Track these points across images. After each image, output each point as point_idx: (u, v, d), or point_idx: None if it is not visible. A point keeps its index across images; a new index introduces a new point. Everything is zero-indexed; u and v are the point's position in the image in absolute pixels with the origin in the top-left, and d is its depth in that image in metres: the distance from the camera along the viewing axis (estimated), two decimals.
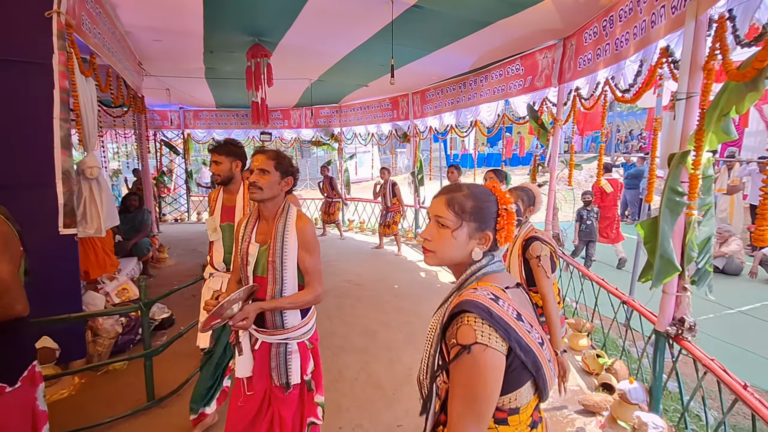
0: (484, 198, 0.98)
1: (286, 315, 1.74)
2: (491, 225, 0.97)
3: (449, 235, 0.95)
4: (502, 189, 1.02)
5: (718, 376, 1.92)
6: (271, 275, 1.71)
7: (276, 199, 1.73)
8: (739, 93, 1.71)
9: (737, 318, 4.51)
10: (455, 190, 0.98)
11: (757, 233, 1.50)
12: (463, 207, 0.96)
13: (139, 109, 5.46)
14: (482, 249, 0.97)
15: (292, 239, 1.71)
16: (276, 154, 1.73)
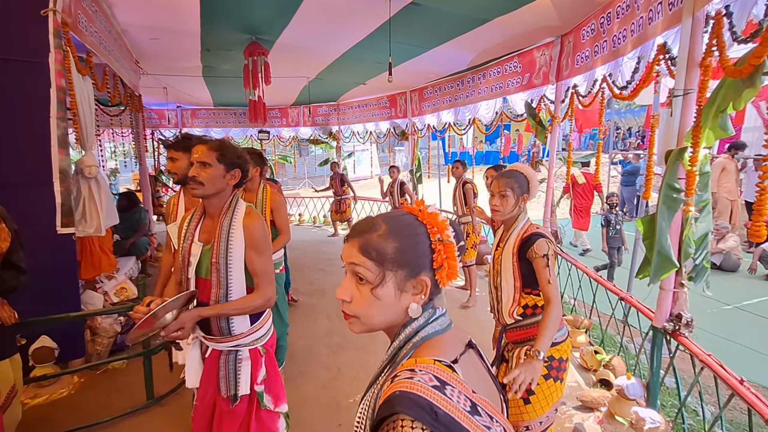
0: (408, 232, 0.74)
1: (233, 321, 1.60)
2: (426, 266, 0.74)
3: (371, 292, 0.72)
4: (430, 211, 0.78)
5: (714, 372, 1.94)
6: (215, 277, 1.56)
7: (221, 194, 1.59)
8: (736, 89, 1.72)
9: (734, 314, 4.53)
10: (369, 229, 0.74)
11: (754, 229, 1.51)
12: (383, 251, 0.71)
13: (136, 108, 5.44)
14: (420, 301, 0.74)
15: (238, 238, 1.56)
16: (219, 145, 1.58)
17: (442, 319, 0.77)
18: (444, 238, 0.75)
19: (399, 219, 0.76)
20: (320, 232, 8.89)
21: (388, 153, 19.29)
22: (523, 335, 1.80)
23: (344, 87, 7.18)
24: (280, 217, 2.79)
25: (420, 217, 0.78)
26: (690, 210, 2.09)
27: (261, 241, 1.60)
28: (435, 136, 7.04)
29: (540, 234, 1.76)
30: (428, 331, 0.74)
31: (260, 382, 1.67)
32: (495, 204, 1.80)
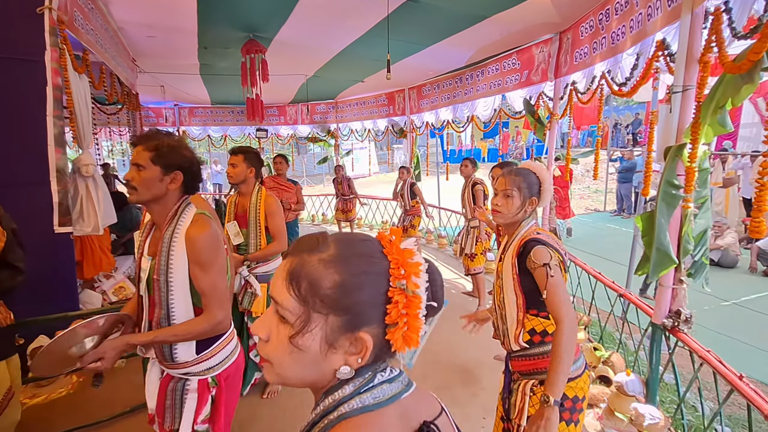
0: (360, 267, 0.54)
1: (175, 347, 1.39)
2: (374, 318, 0.54)
3: (288, 339, 0.54)
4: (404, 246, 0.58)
5: (714, 368, 1.94)
6: (156, 296, 1.36)
7: (163, 200, 1.38)
8: (735, 85, 1.71)
9: (733, 310, 4.55)
10: (309, 249, 0.56)
11: (753, 224, 1.51)
12: (316, 285, 0.53)
13: (133, 107, 5.41)
14: (356, 364, 0.55)
15: (179, 251, 1.34)
16: (155, 144, 1.36)
17: (385, 387, 0.56)
18: (410, 286, 0.54)
19: (356, 245, 0.57)
20: (319, 230, 8.88)
21: (387, 151, 19.24)
22: (531, 366, 1.52)
23: (342, 85, 7.16)
24: (274, 223, 2.57)
25: (386, 249, 0.57)
26: (689, 206, 2.09)
27: (206, 254, 1.36)
28: (433, 133, 7.03)
29: (537, 240, 1.47)
30: (354, 405, 0.53)
31: (201, 422, 1.43)
32: (496, 204, 1.56)
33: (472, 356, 3.33)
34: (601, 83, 3.20)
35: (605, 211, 10.31)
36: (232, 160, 2.57)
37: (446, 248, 6.75)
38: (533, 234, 1.51)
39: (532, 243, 1.47)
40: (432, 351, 3.42)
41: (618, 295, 2.98)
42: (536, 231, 1.53)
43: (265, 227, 2.58)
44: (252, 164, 2.58)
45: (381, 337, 0.55)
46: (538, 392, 1.46)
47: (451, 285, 5.14)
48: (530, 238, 1.49)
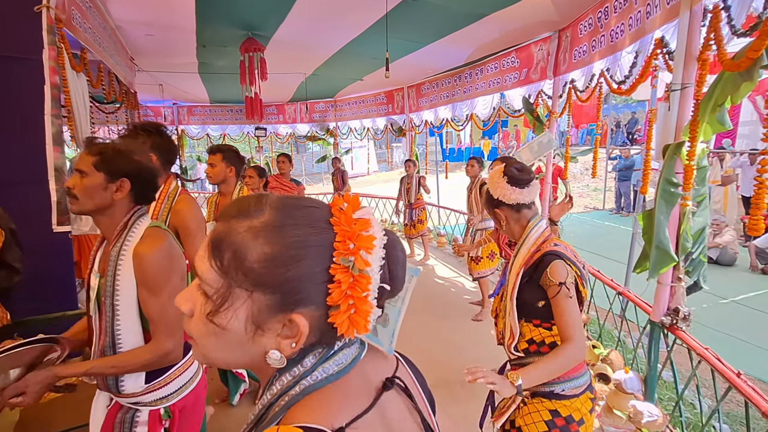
0: (297, 237, 0.47)
1: (121, 377, 1.24)
2: (313, 298, 0.48)
3: (206, 316, 0.49)
4: (358, 215, 0.50)
5: (712, 365, 1.95)
6: (103, 321, 1.22)
7: (109, 211, 1.22)
8: (734, 83, 1.71)
9: (731, 308, 4.56)
10: (242, 213, 0.48)
11: (752, 222, 1.51)
12: (242, 256, 0.46)
13: (131, 106, 5.40)
14: (289, 349, 0.49)
15: (125, 271, 1.19)
16: (100, 148, 1.21)
17: (345, 352, 0.52)
18: (358, 264, 0.47)
19: (296, 212, 0.49)
20: None
21: (386, 149, 19.25)
22: None
23: (341, 83, 7.15)
24: None
25: (334, 219, 0.49)
26: (687, 204, 2.09)
27: (156, 276, 1.19)
28: (432, 132, 7.02)
29: (556, 254, 1.36)
30: (316, 377, 0.49)
31: None
32: None
33: (472, 355, 3.33)
34: (600, 81, 3.19)
35: (604, 209, 10.32)
36: (211, 159, 2.50)
37: (445, 247, 6.75)
38: (550, 245, 1.40)
39: (550, 257, 1.37)
40: (431, 350, 3.43)
41: (617, 293, 2.99)
42: (554, 242, 1.43)
43: None
44: (231, 163, 2.48)
45: (322, 319, 0.48)
46: (529, 404, 1.41)
47: (451, 284, 5.14)
48: (548, 251, 1.38)
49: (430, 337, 3.66)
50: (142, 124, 1.88)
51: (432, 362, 3.24)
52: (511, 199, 1.45)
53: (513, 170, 1.45)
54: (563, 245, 1.44)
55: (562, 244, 1.44)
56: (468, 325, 3.83)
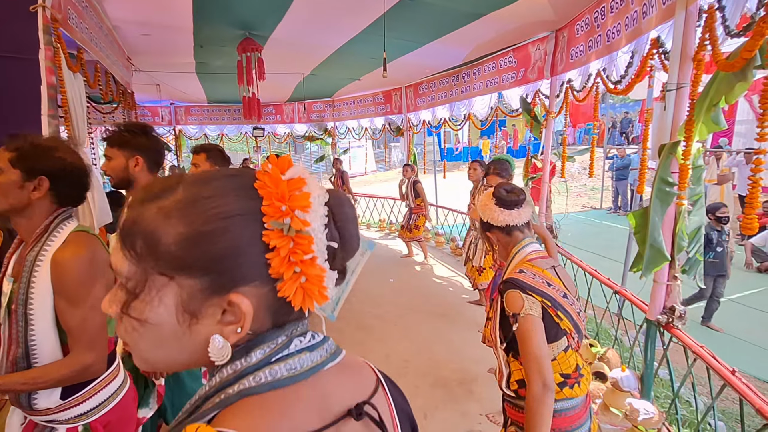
0: (216, 209, 0.42)
1: (34, 393, 1.14)
2: (253, 274, 0.43)
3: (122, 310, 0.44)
4: (288, 176, 0.45)
5: (707, 363, 1.96)
6: (14, 330, 1.12)
7: (26, 211, 1.14)
8: (729, 83, 1.73)
9: (726, 306, 4.59)
10: (154, 195, 0.44)
11: (746, 221, 1.52)
12: (154, 240, 0.42)
13: (129, 106, 5.38)
14: (234, 335, 0.43)
15: (42, 279, 1.10)
16: (18, 144, 1.14)
17: (304, 356, 0.46)
18: (294, 225, 0.42)
19: (212, 183, 0.44)
20: None
21: (384, 149, 19.25)
22: (514, 417, 1.38)
23: (339, 83, 7.15)
24: None
25: (259, 182, 0.44)
26: (683, 203, 2.10)
27: (75, 286, 1.10)
28: (430, 131, 7.03)
29: (513, 282, 1.29)
30: (260, 379, 0.43)
31: None
32: None
33: (469, 355, 3.34)
34: (596, 81, 3.21)
35: (602, 208, 10.36)
36: (194, 159, 2.35)
37: (443, 246, 6.76)
38: (515, 271, 1.33)
39: (506, 286, 1.30)
40: (430, 350, 3.44)
41: (613, 291, 3.00)
42: (524, 264, 1.35)
43: None
44: (216, 163, 2.31)
45: (271, 295, 0.44)
46: None
47: (449, 283, 5.16)
48: (508, 278, 1.32)
49: (428, 336, 3.67)
50: (126, 124, 1.80)
51: (430, 362, 3.25)
52: (499, 221, 1.43)
53: (502, 192, 1.44)
54: (532, 272, 1.32)
55: (530, 271, 1.33)
56: (466, 325, 3.84)
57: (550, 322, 1.28)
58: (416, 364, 3.19)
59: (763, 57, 1.46)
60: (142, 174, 1.72)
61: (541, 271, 1.35)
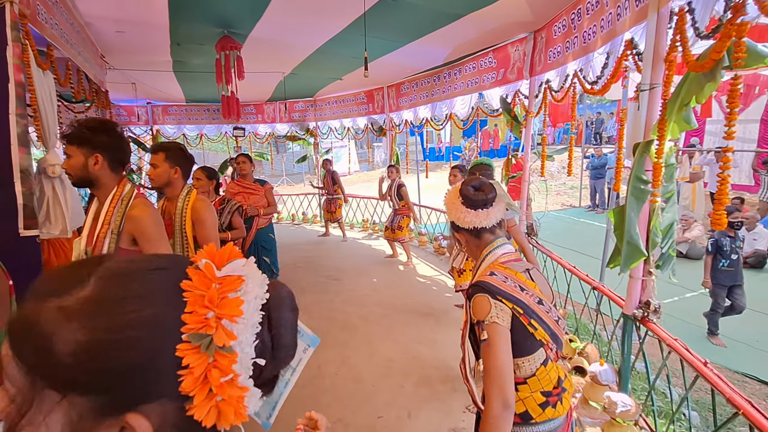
0: (127, 317, 0.36)
1: None
2: (160, 390, 0.37)
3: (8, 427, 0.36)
4: (223, 273, 0.40)
5: (680, 355, 2.03)
6: None
7: None
8: (699, 83, 1.78)
9: (699, 300, 4.75)
10: (54, 289, 0.37)
11: (715, 217, 1.58)
12: (47, 350, 0.35)
13: (103, 105, 5.22)
14: None
15: None
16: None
17: None
18: (218, 340, 0.37)
19: (131, 280, 0.38)
20: (297, 230, 8.81)
21: (367, 149, 19.19)
22: None
23: (320, 82, 7.11)
24: (202, 234, 2.12)
25: (186, 282, 0.39)
26: (657, 201, 2.16)
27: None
28: (413, 131, 7.06)
29: (482, 285, 1.17)
30: None
31: None
32: None
33: (452, 354, 3.36)
34: (573, 82, 3.27)
35: (580, 206, 10.59)
36: (152, 159, 2.20)
37: (427, 245, 6.79)
38: (485, 274, 1.21)
39: (475, 288, 1.19)
40: (414, 349, 3.45)
41: (592, 287, 3.07)
42: (496, 266, 1.22)
43: (194, 238, 2.15)
44: (176, 163, 2.17)
45: (179, 414, 0.37)
46: None
47: (433, 282, 5.18)
48: (477, 281, 1.20)
49: (412, 335, 3.68)
50: (86, 120, 1.71)
51: (414, 360, 3.26)
52: (466, 222, 1.28)
53: (468, 190, 1.28)
54: (503, 275, 1.19)
55: (501, 273, 1.19)
56: (450, 324, 3.87)
57: (522, 332, 1.14)
58: (400, 364, 3.19)
59: (731, 58, 1.51)
60: (103, 173, 1.66)
61: (515, 274, 1.22)
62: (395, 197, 5.75)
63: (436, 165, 17.71)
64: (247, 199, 3.94)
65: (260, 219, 3.98)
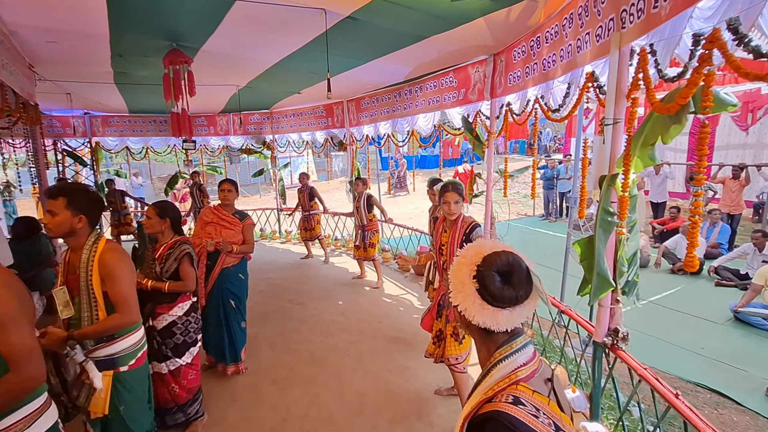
0: None
1: None
2: None
3: None
4: None
5: (651, 386, 2.07)
6: None
7: None
8: (664, 124, 1.84)
9: (648, 308, 5.03)
10: None
11: (687, 259, 1.61)
12: None
13: (31, 120, 4.69)
14: None
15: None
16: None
17: None
18: None
19: None
20: (257, 247, 8.42)
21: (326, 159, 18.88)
22: None
23: (278, 95, 6.87)
24: (114, 289, 1.87)
25: None
26: (623, 232, 2.21)
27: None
28: (373, 143, 6.99)
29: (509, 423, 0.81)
30: None
31: None
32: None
33: (426, 382, 3.28)
34: (535, 107, 3.34)
35: (534, 215, 11.02)
36: (49, 205, 1.82)
37: (390, 262, 6.72)
38: (506, 399, 0.84)
39: (493, 424, 0.82)
40: (385, 379, 3.33)
41: (559, 311, 3.12)
42: (514, 394, 0.85)
43: (103, 293, 1.90)
44: (80, 210, 1.85)
45: None
46: None
47: (399, 302, 5.10)
48: (496, 410, 0.83)
49: (382, 363, 3.56)
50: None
51: (387, 393, 3.14)
52: (478, 320, 0.92)
53: (494, 280, 0.92)
54: (532, 403, 0.84)
55: (529, 401, 0.84)
56: (419, 346, 3.79)
57: None
58: (373, 398, 3.06)
59: (697, 105, 1.55)
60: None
61: (546, 402, 0.86)
62: (364, 210, 5.59)
63: None
64: (218, 233, 3.33)
65: (226, 257, 3.31)
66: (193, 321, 2.74)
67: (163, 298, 2.62)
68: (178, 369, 2.66)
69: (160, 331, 2.63)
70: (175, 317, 2.66)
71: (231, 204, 3.48)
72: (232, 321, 3.34)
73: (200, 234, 3.35)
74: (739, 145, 9.46)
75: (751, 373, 3.58)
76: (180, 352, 2.66)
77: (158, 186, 14.26)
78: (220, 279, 3.30)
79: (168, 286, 2.57)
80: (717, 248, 6.66)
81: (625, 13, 2.07)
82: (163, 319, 2.63)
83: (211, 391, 3.11)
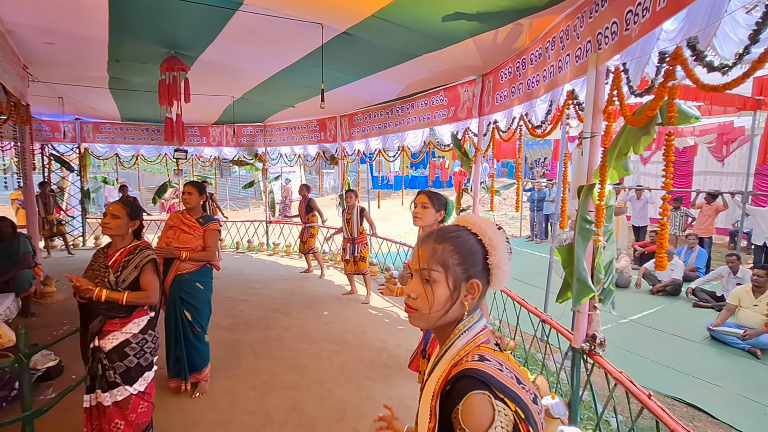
0: None
1: None
2: None
3: None
4: None
5: (626, 388, 2.13)
6: None
7: None
8: (635, 136, 1.97)
9: (629, 327, 5.12)
10: None
11: (658, 260, 1.70)
12: None
13: (21, 120, 4.69)
14: None
15: None
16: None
17: None
18: None
19: None
20: (242, 259, 8.36)
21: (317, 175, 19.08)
22: None
23: (272, 108, 6.99)
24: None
25: None
26: (600, 240, 2.31)
27: None
28: (363, 160, 7.11)
29: (479, 377, 0.81)
30: None
31: None
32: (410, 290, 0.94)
33: (408, 391, 3.28)
34: (519, 124, 3.49)
35: (521, 236, 11.19)
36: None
37: (378, 276, 6.73)
38: (472, 358, 0.86)
39: (467, 382, 0.82)
40: (367, 387, 3.31)
41: (540, 320, 3.18)
42: (480, 353, 0.87)
43: None
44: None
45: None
46: None
47: (384, 314, 5.11)
48: (466, 369, 0.84)
49: (365, 372, 3.53)
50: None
51: (369, 400, 3.10)
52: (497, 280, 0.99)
53: None
54: (496, 359, 0.86)
55: (494, 358, 0.86)
56: (404, 357, 3.79)
57: None
58: (354, 405, 3.04)
59: (664, 116, 1.68)
60: None
61: (506, 358, 0.89)
62: (357, 222, 5.52)
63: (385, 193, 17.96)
64: (176, 237, 3.09)
65: (180, 263, 3.05)
66: (150, 340, 2.28)
67: (116, 312, 2.18)
68: (127, 400, 2.17)
69: (108, 353, 2.15)
70: (129, 335, 2.19)
71: (195, 207, 3.23)
72: (186, 333, 3.06)
73: (161, 238, 3.14)
74: (716, 173, 9.89)
75: (726, 388, 3.66)
76: (132, 378, 2.18)
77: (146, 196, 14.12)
78: (173, 287, 3.03)
79: (127, 298, 2.15)
80: (695, 271, 6.86)
81: (601, 36, 2.24)
82: (113, 338, 2.17)
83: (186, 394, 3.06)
